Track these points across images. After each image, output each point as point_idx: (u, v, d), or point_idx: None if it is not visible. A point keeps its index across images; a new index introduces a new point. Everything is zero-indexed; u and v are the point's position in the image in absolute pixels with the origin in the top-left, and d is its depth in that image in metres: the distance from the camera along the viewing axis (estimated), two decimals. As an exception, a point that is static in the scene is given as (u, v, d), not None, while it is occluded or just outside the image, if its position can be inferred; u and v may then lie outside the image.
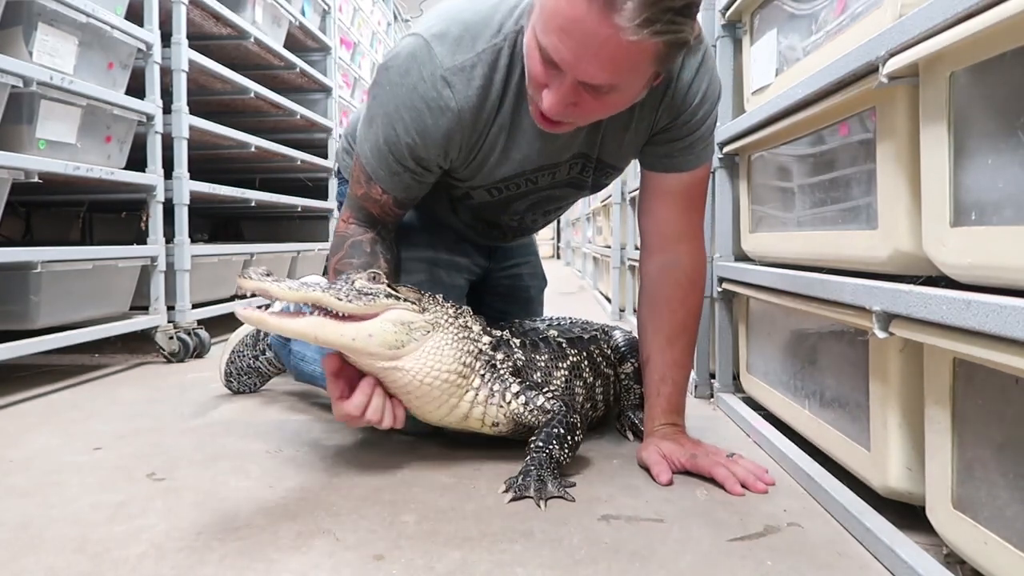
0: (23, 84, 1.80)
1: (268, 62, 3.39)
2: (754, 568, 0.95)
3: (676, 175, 1.40)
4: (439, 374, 1.24)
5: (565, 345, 1.49)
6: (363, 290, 1.19)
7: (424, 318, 1.24)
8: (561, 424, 1.27)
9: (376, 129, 1.30)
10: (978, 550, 0.85)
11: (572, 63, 1.04)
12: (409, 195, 1.39)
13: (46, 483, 1.26)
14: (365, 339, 1.16)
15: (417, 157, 1.30)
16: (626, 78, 1.07)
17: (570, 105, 1.11)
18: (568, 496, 1.17)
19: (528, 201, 1.49)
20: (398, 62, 1.25)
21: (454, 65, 1.22)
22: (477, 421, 1.32)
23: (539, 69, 1.10)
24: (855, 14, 1.19)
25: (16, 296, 1.96)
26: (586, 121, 1.23)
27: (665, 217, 1.43)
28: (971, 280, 0.88)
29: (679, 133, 1.35)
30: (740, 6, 1.71)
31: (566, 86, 1.08)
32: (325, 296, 1.13)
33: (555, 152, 1.35)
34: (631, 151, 1.42)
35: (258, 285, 1.09)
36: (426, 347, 1.23)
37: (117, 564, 0.95)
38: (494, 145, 1.32)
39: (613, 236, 3.97)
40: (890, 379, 1.06)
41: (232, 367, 1.95)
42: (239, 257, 3.10)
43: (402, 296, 1.23)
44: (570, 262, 9.82)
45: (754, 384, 1.72)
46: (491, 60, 1.24)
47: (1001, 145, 0.81)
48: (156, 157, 2.43)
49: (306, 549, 0.99)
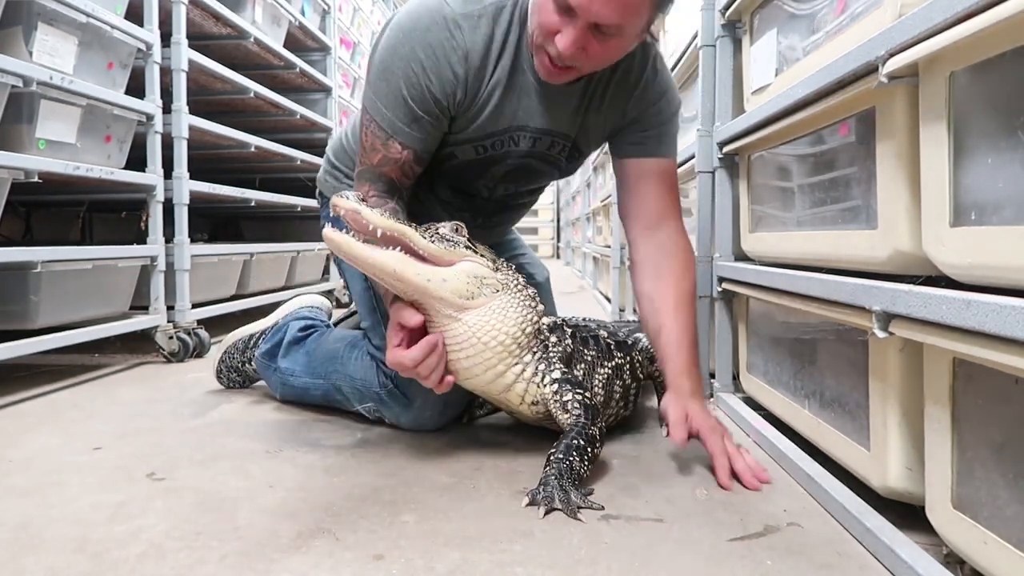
0: (23, 84, 1.80)
1: (268, 62, 3.39)
2: (754, 568, 0.95)
3: (652, 159, 1.55)
4: (497, 334, 1.26)
5: (614, 347, 1.53)
6: (446, 236, 1.24)
7: (497, 276, 1.28)
8: (581, 435, 1.24)
9: (394, 78, 1.37)
10: (978, 550, 0.85)
11: (587, 4, 1.18)
12: (426, 147, 1.44)
13: (46, 483, 1.26)
14: (439, 283, 1.20)
15: (435, 98, 1.37)
16: (631, 20, 1.23)
17: (580, 49, 1.25)
18: (595, 505, 1.14)
19: (505, 166, 1.56)
20: (411, 11, 1.36)
21: (463, 12, 1.35)
22: (517, 397, 1.33)
23: (553, 19, 1.24)
24: (855, 14, 1.19)
25: (16, 296, 1.96)
26: (589, 69, 1.35)
27: (649, 196, 1.55)
28: (971, 280, 0.88)
29: (649, 123, 1.53)
30: (740, 6, 1.70)
31: (579, 29, 1.22)
32: (411, 231, 1.18)
33: (542, 118, 1.46)
34: (600, 138, 1.58)
35: (352, 206, 1.13)
36: (493, 304, 1.26)
37: (117, 564, 0.95)
38: (490, 97, 1.42)
39: (613, 236, 3.97)
40: (890, 379, 1.06)
41: (223, 364, 2.02)
42: (239, 257, 3.10)
43: (479, 251, 1.28)
44: (570, 262, 9.82)
45: (754, 384, 1.72)
46: (495, 15, 1.37)
47: (1001, 145, 0.81)
48: (156, 157, 2.43)
49: (306, 549, 0.99)
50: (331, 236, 1.14)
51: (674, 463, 1.38)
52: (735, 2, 1.71)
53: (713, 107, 1.89)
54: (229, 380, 2.02)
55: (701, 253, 1.94)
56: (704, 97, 1.93)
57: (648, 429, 1.63)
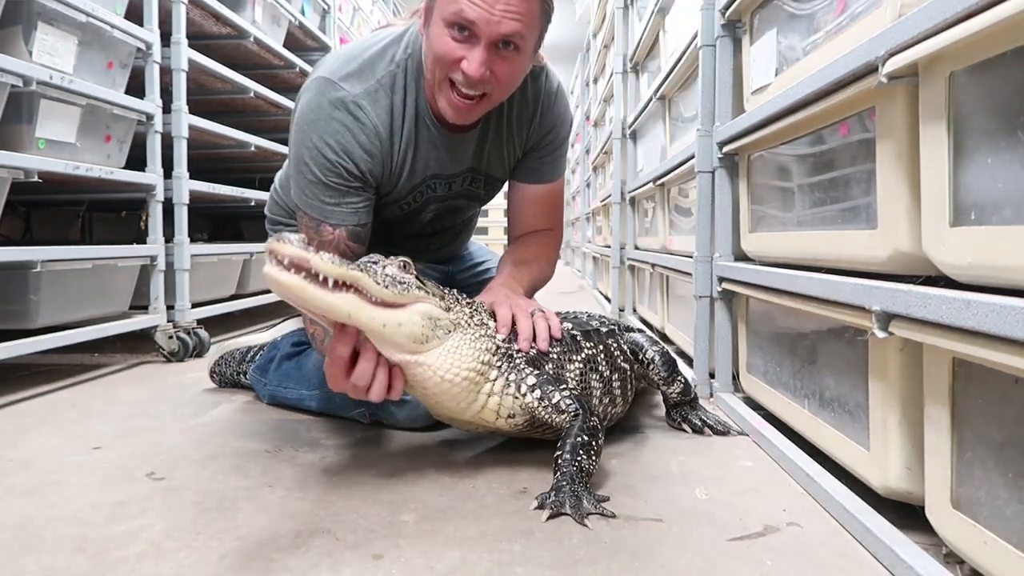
0: (23, 83, 1.80)
1: (268, 62, 3.39)
2: (754, 568, 0.95)
3: (541, 186, 1.68)
4: (459, 371, 1.24)
5: (580, 338, 1.45)
6: (396, 277, 1.18)
7: (449, 316, 1.24)
8: (583, 431, 1.22)
9: (308, 169, 1.43)
10: (977, 549, 0.85)
11: (486, 19, 1.26)
12: (359, 222, 1.48)
13: (45, 483, 1.26)
14: (395, 327, 1.16)
15: (351, 173, 1.43)
16: (527, 32, 1.31)
17: (488, 70, 1.31)
18: (607, 511, 1.11)
19: (430, 212, 1.66)
20: (309, 103, 1.42)
21: (360, 91, 1.42)
22: (492, 413, 1.30)
23: (452, 46, 1.30)
24: (855, 14, 1.19)
25: (16, 295, 1.96)
26: (497, 95, 1.41)
27: (537, 214, 1.70)
28: (970, 280, 0.88)
29: (546, 150, 1.65)
30: (740, 6, 1.70)
31: (483, 49, 1.29)
32: (364, 277, 1.11)
33: (450, 163, 1.56)
34: (510, 164, 1.65)
35: (297, 253, 1.03)
36: (446, 345, 1.23)
37: (116, 564, 0.95)
38: (404, 160, 1.50)
39: (613, 236, 3.97)
40: (890, 379, 1.06)
41: (218, 368, 2.04)
42: (238, 257, 3.10)
43: (429, 290, 1.23)
44: (570, 262, 9.82)
45: (754, 384, 1.72)
46: (390, 84, 1.45)
47: (1000, 145, 0.81)
48: (156, 156, 2.44)
49: (306, 549, 0.99)
50: (279, 279, 1.03)
51: (674, 463, 1.38)
52: (735, 2, 1.71)
53: (713, 107, 1.89)
54: (222, 380, 2.04)
55: (701, 253, 1.95)
56: (704, 97, 1.93)
57: (647, 429, 1.63)
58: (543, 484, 1.22)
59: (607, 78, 4.53)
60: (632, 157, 3.61)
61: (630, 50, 3.57)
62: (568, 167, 9.95)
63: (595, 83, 5.84)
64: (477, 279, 1.94)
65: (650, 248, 3.11)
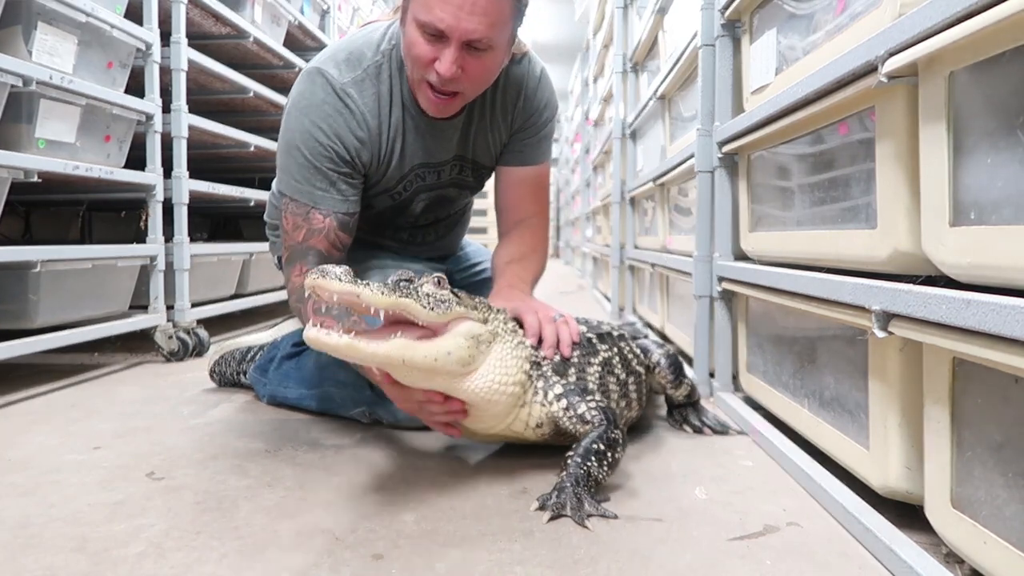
0: (23, 83, 1.80)
1: (268, 61, 3.38)
2: (754, 568, 0.95)
3: (528, 168, 1.70)
4: (505, 387, 1.21)
5: (595, 341, 1.45)
6: (437, 297, 1.14)
7: (488, 328, 1.20)
8: (602, 440, 1.19)
9: (299, 153, 1.47)
10: (977, 549, 0.86)
11: (455, 23, 1.28)
12: (348, 210, 1.52)
13: (45, 482, 1.26)
14: (445, 357, 1.12)
15: (342, 158, 1.48)
16: (498, 32, 1.33)
17: (459, 69, 1.34)
18: (608, 513, 1.11)
19: (423, 201, 1.69)
20: (301, 91, 1.49)
21: (348, 80, 1.48)
22: (522, 424, 1.27)
23: (427, 49, 1.34)
24: (854, 13, 1.19)
25: (15, 295, 1.96)
26: (471, 91, 1.45)
27: (523, 198, 1.71)
28: (970, 279, 0.88)
29: (531, 132, 1.67)
30: (739, 5, 1.70)
31: (453, 50, 1.32)
32: (413, 304, 1.08)
33: (437, 151, 1.60)
34: (496, 150, 1.68)
35: (345, 288, 0.98)
36: (491, 360, 1.19)
37: (116, 563, 0.95)
38: (393, 148, 1.55)
39: (612, 235, 3.97)
40: (889, 378, 1.06)
41: (217, 368, 2.04)
42: (238, 256, 3.10)
43: (465, 304, 1.18)
44: (569, 261, 9.83)
45: (754, 383, 1.72)
46: (376, 74, 1.50)
47: (1000, 144, 0.81)
48: (155, 156, 2.43)
49: (306, 548, 0.99)
50: (325, 341, 1.00)
51: (674, 463, 1.38)
52: (735, 2, 1.71)
53: (713, 107, 1.89)
54: (222, 380, 2.04)
55: (701, 253, 1.95)
56: (704, 97, 1.93)
57: (647, 429, 1.63)
58: (543, 484, 1.22)
59: (607, 78, 4.53)
60: (632, 157, 3.61)
61: (630, 50, 3.57)
62: (568, 167, 9.97)
63: (595, 83, 5.84)
64: (475, 279, 1.96)
65: (650, 248, 3.11)
